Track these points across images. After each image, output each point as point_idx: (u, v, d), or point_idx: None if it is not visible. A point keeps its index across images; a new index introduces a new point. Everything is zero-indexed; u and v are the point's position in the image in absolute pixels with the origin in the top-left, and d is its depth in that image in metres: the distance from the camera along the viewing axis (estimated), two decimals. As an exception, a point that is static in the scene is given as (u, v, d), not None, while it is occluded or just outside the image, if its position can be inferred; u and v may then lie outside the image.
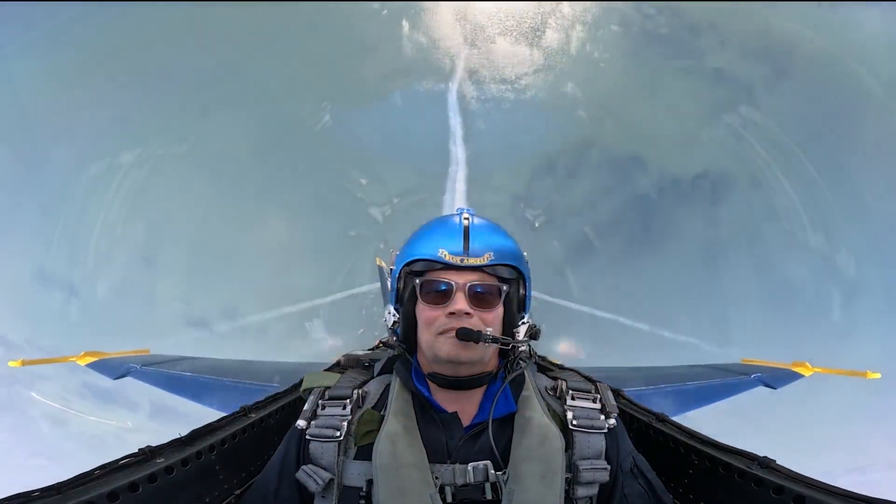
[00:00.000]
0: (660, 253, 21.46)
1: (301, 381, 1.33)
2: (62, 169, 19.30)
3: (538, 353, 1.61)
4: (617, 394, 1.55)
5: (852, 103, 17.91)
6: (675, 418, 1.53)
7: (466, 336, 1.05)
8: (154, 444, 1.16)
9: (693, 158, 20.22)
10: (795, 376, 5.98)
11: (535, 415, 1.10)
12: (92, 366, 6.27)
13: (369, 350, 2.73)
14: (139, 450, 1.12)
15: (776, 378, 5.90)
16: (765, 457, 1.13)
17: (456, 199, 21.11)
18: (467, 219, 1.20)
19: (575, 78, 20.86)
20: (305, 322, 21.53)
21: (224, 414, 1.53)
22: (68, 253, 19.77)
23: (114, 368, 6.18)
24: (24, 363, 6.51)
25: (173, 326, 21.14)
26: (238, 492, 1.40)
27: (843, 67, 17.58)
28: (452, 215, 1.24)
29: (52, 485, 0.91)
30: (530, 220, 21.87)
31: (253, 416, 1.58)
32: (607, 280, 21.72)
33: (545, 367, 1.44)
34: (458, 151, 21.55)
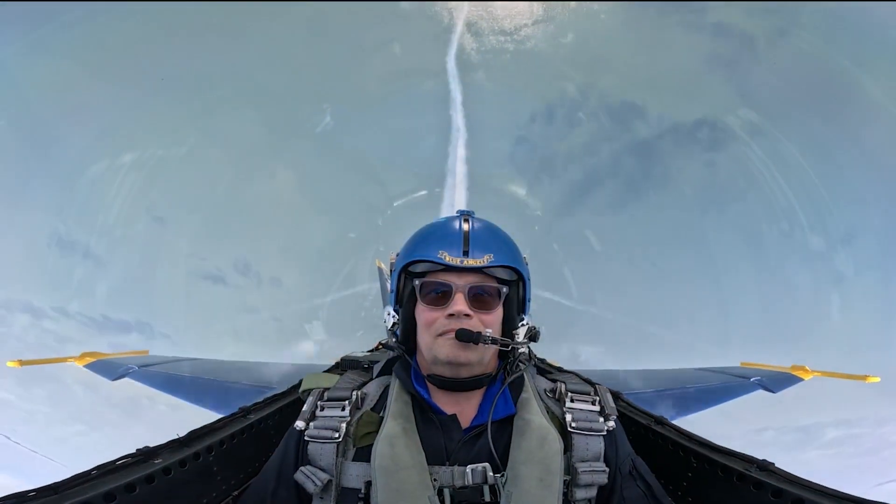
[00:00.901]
0: (658, 196, 21.66)
1: (300, 383, 1.33)
2: (71, 142, 19.54)
3: (537, 356, 1.61)
4: (616, 397, 1.54)
5: (857, 57, 17.65)
6: (675, 422, 1.53)
7: (466, 337, 1.05)
8: (152, 445, 1.16)
9: (691, 108, 20.27)
10: (795, 380, 5.99)
11: (534, 417, 1.10)
12: (90, 367, 6.25)
13: (368, 352, 2.74)
14: (137, 450, 1.11)
15: (775, 381, 5.91)
16: (763, 459, 1.13)
17: (457, 163, 21.28)
18: (467, 221, 1.20)
19: (575, 29, 20.86)
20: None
21: (223, 415, 1.53)
22: (82, 217, 20.04)
23: (112, 370, 6.17)
24: (21, 363, 6.50)
25: (190, 281, 21.44)
26: (236, 493, 1.40)
27: (848, 24, 17.39)
28: (452, 217, 1.24)
29: (49, 485, 0.90)
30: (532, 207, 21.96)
31: (252, 417, 1.57)
32: (603, 229, 21.86)
33: (544, 369, 1.44)
34: (458, 118, 21.67)
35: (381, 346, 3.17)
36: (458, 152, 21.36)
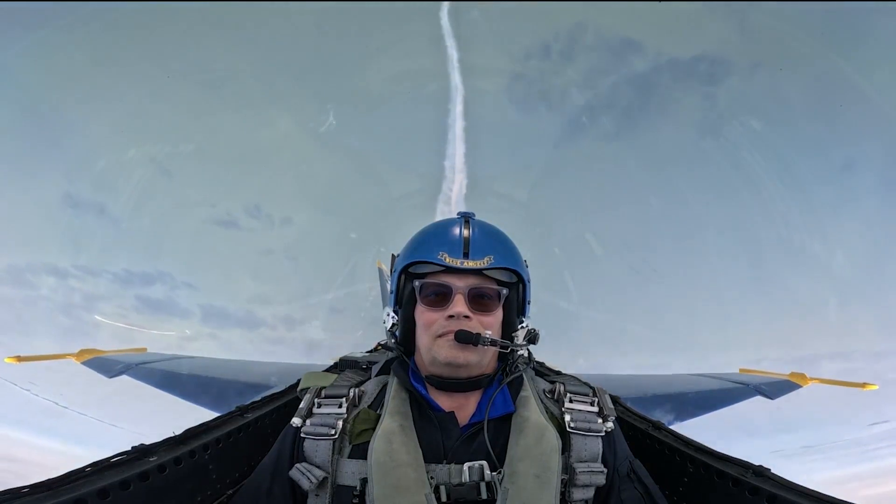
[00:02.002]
0: (654, 126, 21.70)
1: (298, 382, 1.32)
2: (70, 101, 19.70)
3: (536, 360, 1.61)
4: (614, 401, 1.55)
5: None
6: (673, 427, 1.53)
7: (465, 338, 1.05)
8: (147, 443, 1.16)
9: (688, 43, 20.12)
10: (793, 386, 5.99)
11: (533, 415, 1.09)
12: (88, 363, 6.26)
13: (367, 353, 2.74)
14: (132, 448, 1.11)
15: (774, 388, 5.91)
16: (759, 465, 1.13)
17: (457, 119, 21.59)
18: (468, 222, 1.21)
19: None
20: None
21: (219, 413, 1.53)
22: (89, 175, 20.26)
23: (109, 367, 6.18)
24: (20, 360, 6.50)
25: (204, 228, 21.82)
26: (230, 492, 1.39)
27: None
28: (453, 219, 1.24)
29: (43, 481, 0.90)
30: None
31: (249, 416, 1.57)
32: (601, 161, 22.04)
33: (543, 372, 1.44)
34: (456, 76, 21.98)
35: (380, 347, 3.18)
36: (457, 108, 21.77)
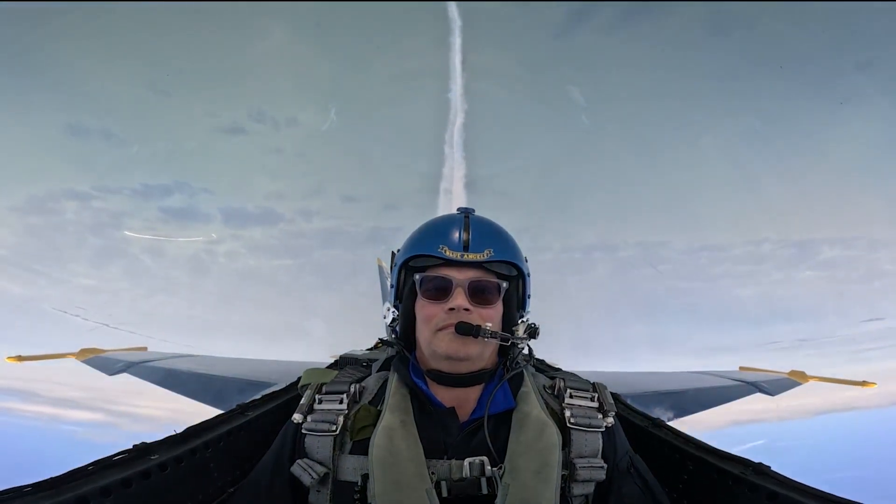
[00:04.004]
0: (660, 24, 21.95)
1: (298, 379, 1.32)
2: (56, 34, 19.91)
3: (536, 357, 1.62)
4: (614, 398, 1.55)
5: None
6: (672, 423, 1.53)
7: (465, 330, 1.05)
8: (149, 442, 1.16)
9: None
10: (793, 384, 6.01)
11: (534, 410, 1.10)
12: (88, 362, 6.26)
13: (368, 350, 2.74)
14: (133, 446, 1.11)
15: (773, 385, 5.92)
16: (759, 463, 1.14)
17: (456, 54, 22.07)
18: (468, 216, 1.21)
19: None
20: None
21: (220, 411, 1.53)
22: (86, 105, 20.59)
23: (110, 365, 6.19)
24: (20, 359, 6.50)
25: (211, 137, 22.20)
26: (231, 490, 1.40)
27: None
28: (453, 214, 1.25)
29: (45, 480, 0.90)
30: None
31: (249, 414, 1.57)
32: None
33: (543, 368, 1.45)
34: (454, 10, 22.59)
35: (380, 344, 3.18)
36: (456, 42, 22.53)
